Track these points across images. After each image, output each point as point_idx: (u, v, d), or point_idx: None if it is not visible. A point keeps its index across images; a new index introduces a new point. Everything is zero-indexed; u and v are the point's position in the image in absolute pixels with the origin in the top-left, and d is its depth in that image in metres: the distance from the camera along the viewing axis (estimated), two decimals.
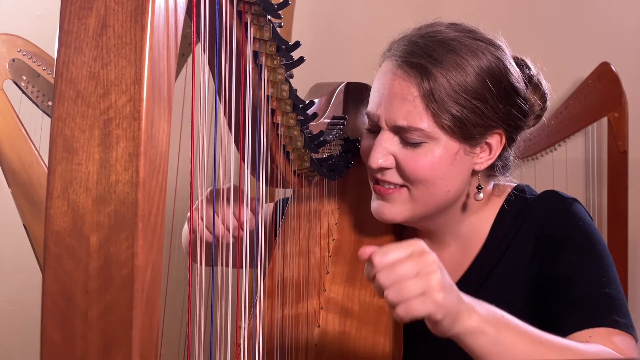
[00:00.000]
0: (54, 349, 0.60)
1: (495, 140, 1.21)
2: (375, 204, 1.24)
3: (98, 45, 0.61)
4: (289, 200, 1.38)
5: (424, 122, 1.15)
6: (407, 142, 1.17)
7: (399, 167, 1.18)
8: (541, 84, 1.28)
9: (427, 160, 1.17)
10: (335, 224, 1.39)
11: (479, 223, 1.29)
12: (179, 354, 2.13)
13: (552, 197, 1.27)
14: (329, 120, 1.37)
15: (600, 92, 2.51)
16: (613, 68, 2.52)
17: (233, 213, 1.09)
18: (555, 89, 2.55)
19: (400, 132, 1.17)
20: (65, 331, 0.60)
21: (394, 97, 1.17)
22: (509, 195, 1.29)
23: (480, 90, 1.16)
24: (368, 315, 1.24)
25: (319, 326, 1.23)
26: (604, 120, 2.56)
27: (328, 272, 1.31)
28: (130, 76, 0.60)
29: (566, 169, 2.60)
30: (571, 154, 2.61)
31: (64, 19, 0.62)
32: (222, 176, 0.85)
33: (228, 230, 1.11)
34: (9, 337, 2.67)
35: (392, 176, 1.19)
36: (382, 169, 1.19)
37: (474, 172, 1.23)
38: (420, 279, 0.92)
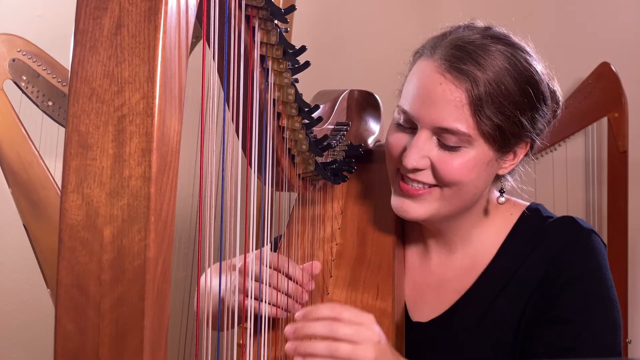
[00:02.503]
0: (67, 339, 0.62)
1: (521, 148, 1.24)
2: (398, 201, 1.24)
3: (113, 45, 0.63)
4: (294, 204, 1.40)
5: (469, 128, 1.16)
6: (445, 145, 1.18)
7: (433, 169, 1.19)
8: (556, 89, 1.31)
9: (462, 163, 1.18)
10: (339, 228, 1.41)
11: (489, 235, 1.31)
12: (178, 355, 2.13)
13: (570, 227, 1.26)
14: (333, 127, 1.39)
15: (600, 92, 2.52)
16: (613, 68, 2.53)
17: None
18: None
19: (440, 133, 1.18)
20: (79, 321, 0.61)
21: (441, 100, 1.17)
22: (523, 213, 1.31)
23: (521, 100, 1.19)
24: None
25: None
26: (604, 120, 2.58)
27: (331, 276, 1.33)
28: (144, 74, 0.62)
29: (566, 169, 2.61)
30: (571, 154, 2.62)
31: (79, 19, 0.64)
32: (229, 179, 0.87)
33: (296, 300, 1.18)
34: (9, 336, 2.67)
35: (425, 177, 1.20)
36: (415, 170, 1.20)
37: (496, 176, 1.26)
38: (353, 346, 1.00)
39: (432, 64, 1.19)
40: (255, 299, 1.14)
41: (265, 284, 1.15)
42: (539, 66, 1.23)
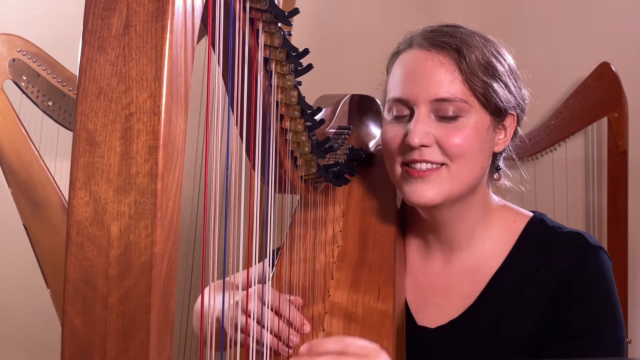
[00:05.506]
0: (75, 333, 0.63)
1: (509, 122, 1.28)
2: (410, 188, 1.25)
3: (121, 44, 0.64)
4: (296, 207, 1.41)
5: (465, 94, 1.21)
6: (444, 118, 1.22)
7: (438, 144, 1.22)
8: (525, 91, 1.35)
9: (465, 132, 1.22)
10: (340, 231, 1.42)
11: (492, 238, 1.32)
12: (178, 354, 2.13)
13: (580, 245, 1.28)
14: (335, 130, 1.41)
15: (600, 92, 2.54)
16: (613, 68, 2.55)
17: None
18: (555, 89, 2.55)
19: (438, 106, 1.22)
20: (86, 316, 0.62)
21: (432, 73, 1.22)
22: (529, 223, 1.32)
23: (500, 68, 1.25)
24: (371, 320, 1.26)
25: (323, 330, 1.25)
26: (604, 120, 2.59)
27: (332, 278, 1.34)
28: (151, 73, 0.63)
29: (566, 169, 2.63)
30: (571, 154, 2.63)
31: (88, 19, 0.65)
32: (234, 183, 0.88)
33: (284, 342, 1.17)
34: (9, 336, 2.68)
35: (432, 154, 1.22)
36: (421, 148, 1.22)
37: (493, 155, 1.29)
38: None
39: (413, 50, 1.26)
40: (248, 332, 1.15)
41: (258, 322, 1.16)
42: (501, 46, 1.29)
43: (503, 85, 1.24)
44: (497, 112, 1.25)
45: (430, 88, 1.21)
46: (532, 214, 1.34)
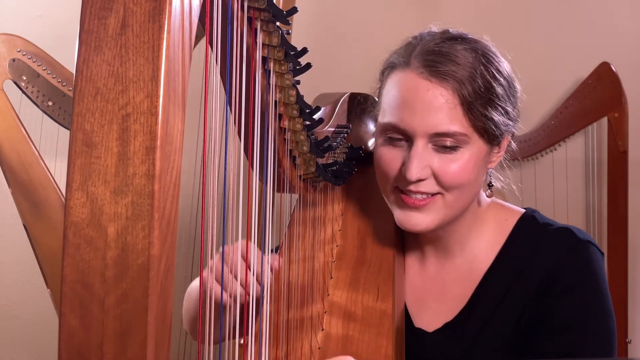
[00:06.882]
0: (72, 335, 0.62)
1: (506, 139, 1.26)
2: (404, 215, 1.24)
3: (117, 44, 0.64)
4: (295, 206, 1.41)
5: (465, 127, 1.18)
6: (442, 149, 1.19)
7: (435, 176, 1.20)
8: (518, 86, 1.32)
9: (462, 164, 1.19)
10: (339, 230, 1.42)
11: (485, 239, 1.32)
12: (178, 353, 2.13)
13: (567, 239, 1.27)
14: (334, 129, 1.41)
15: (600, 92, 2.54)
16: (613, 68, 2.55)
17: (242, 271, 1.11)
18: (555, 89, 2.56)
19: (436, 138, 1.18)
20: (83, 317, 0.62)
21: (433, 106, 1.17)
22: (519, 220, 1.32)
23: (500, 91, 1.20)
24: (371, 319, 1.26)
25: (322, 329, 1.25)
26: (604, 120, 2.60)
27: (332, 277, 1.33)
28: (148, 73, 0.63)
29: (566, 169, 2.63)
30: (571, 154, 2.63)
31: (85, 19, 0.64)
32: (232, 182, 0.87)
33: (243, 287, 1.12)
34: (9, 336, 2.68)
35: (428, 186, 1.20)
36: (418, 180, 1.20)
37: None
38: None
39: (411, 73, 1.20)
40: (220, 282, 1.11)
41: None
42: (500, 57, 1.25)
43: (502, 112, 1.21)
44: (495, 139, 1.23)
45: (430, 122, 1.17)
46: (523, 211, 1.34)
